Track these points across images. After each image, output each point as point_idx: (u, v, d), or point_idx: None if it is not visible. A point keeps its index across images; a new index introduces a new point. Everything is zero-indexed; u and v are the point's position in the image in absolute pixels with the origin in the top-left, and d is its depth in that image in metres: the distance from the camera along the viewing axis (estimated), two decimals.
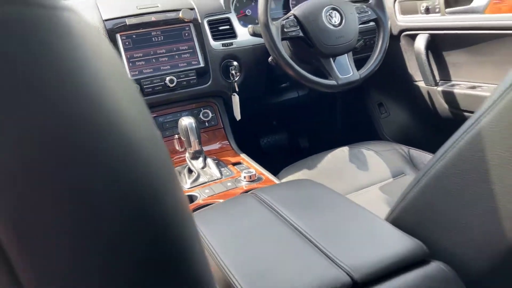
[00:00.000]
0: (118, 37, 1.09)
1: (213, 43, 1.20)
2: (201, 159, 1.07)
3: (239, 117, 1.24)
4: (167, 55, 1.14)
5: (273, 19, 1.07)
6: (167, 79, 1.12)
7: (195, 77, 1.17)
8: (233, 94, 1.23)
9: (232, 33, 1.24)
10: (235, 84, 1.22)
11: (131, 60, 1.10)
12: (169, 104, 1.19)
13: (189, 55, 1.17)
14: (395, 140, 1.51)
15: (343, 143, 1.23)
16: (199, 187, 0.98)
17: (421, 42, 1.31)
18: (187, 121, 1.04)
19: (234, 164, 1.12)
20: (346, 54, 1.16)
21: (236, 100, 1.23)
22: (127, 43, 1.10)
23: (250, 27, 1.14)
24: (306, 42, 1.11)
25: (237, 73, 1.22)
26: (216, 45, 1.20)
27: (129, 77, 0.23)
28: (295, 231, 0.56)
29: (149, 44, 1.12)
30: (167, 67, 1.14)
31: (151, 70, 1.13)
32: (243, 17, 1.33)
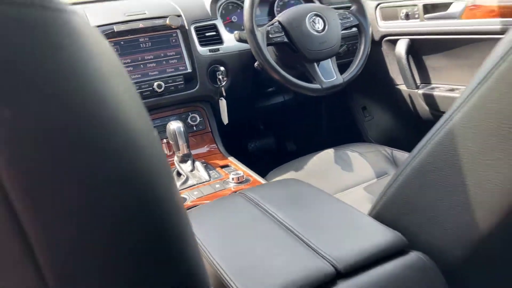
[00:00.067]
0: None
1: (200, 48, 1.23)
2: (189, 162, 1.09)
3: (227, 121, 1.26)
4: (155, 61, 1.16)
5: (259, 25, 1.10)
6: (155, 84, 1.14)
7: (182, 82, 1.19)
8: (220, 98, 1.26)
9: (218, 39, 1.27)
10: (222, 88, 1.25)
11: None
12: (158, 109, 1.21)
13: (177, 60, 1.19)
14: (379, 142, 1.56)
15: (329, 145, 1.26)
16: (188, 190, 1.00)
17: (402, 47, 1.36)
18: (175, 125, 1.06)
19: (222, 166, 1.14)
20: (329, 59, 1.19)
21: (223, 104, 1.25)
22: (116, 50, 1.12)
23: (236, 33, 1.17)
24: (290, 47, 1.14)
25: (224, 78, 1.24)
26: (203, 50, 1.23)
27: (128, 75, 0.25)
28: (281, 226, 0.59)
29: (137, 50, 1.14)
30: (155, 73, 1.16)
31: (139, 75, 1.14)
32: (229, 23, 1.36)
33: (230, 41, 1.27)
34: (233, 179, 1.00)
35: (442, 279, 0.52)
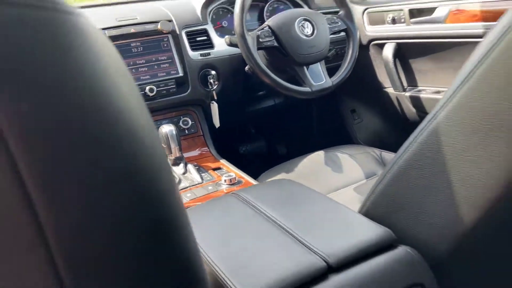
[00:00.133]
0: None
1: (191, 53, 1.24)
2: (182, 165, 1.10)
3: (218, 124, 1.28)
4: (147, 65, 1.18)
5: (249, 30, 1.12)
6: (147, 88, 1.16)
7: (174, 86, 1.20)
8: (211, 102, 1.27)
9: (209, 44, 1.28)
10: (214, 92, 1.26)
11: None
12: (150, 112, 1.21)
13: (168, 65, 1.20)
14: (368, 143, 1.58)
15: (319, 148, 1.28)
16: (181, 192, 1.01)
17: (389, 50, 1.39)
18: (167, 129, 1.07)
19: (214, 169, 1.16)
20: (318, 62, 1.22)
21: (215, 108, 1.27)
22: None
23: (227, 37, 1.18)
24: (280, 51, 1.16)
25: (215, 82, 1.26)
26: (194, 55, 1.24)
27: (131, 76, 0.27)
28: (274, 225, 0.60)
29: (129, 55, 1.15)
30: (147, 77, 1.17)
31: None
32: (220, 28, 1.38)
33: (221, 45, 1.29)
34: (225, 181, 1.01)
35: (429, 272, 0.54)
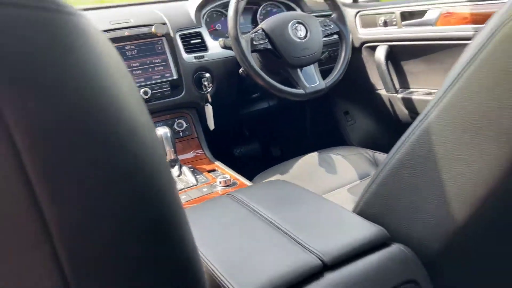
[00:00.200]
0: None
1: (185, 56, 1.25)
2: (176, 167, 1.11)
3: (213, 126, 1.29)
4: (141, 68, 1.18)
5: (243, 33, 1.13)
6: (142, 91, 1.16)
7: (168, 88, 1.21)
8: (206, 104, 1.28)
9: (203, 46, 1.29)
10: (208, 95, 1.27)
11: None
12: None
13: (163, 67, 1.21)
14: (361, 145, 1.60)
15: (313, 150, 1.29)
16: None
17: (381, 53, 1.41)
18: (162, 131, 1.08)
19: (209, 171, 1.16)
20: (312, 65, 1.23)
21: (209, 110, 1.27)
22: None
23: (221, 40, 1.19)
24: (274, 54, 1.17)
25: (210, 84, 1.27)
26: (188, 57, 1.25)
27: (131, 76, 0.27)
28: (270, 224, 0.61)
29: (123, 57, 1.16)
30: (141, 80, 1.18)
31: None
32: (214, 31, 1.39)
33: (215, 48, 1.29)
34: (220, 182, 1.02)
35: (422, 269, 0.55)
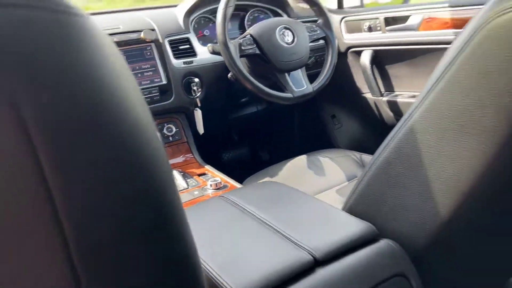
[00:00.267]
0: None
1: (174, 61, 1.26)
2: None
3: (202, 130, 1.30)
4: None
5: (231, 38, 1.15)
6: None
7: (158, 94, 1.22)
8: (195, 109, 1.29)
9: (192, 52, 1.30)
10: (197, 99, 1.28)
11: None
12: None
13: (152, 73, 1.22)
14: (348, 147, 1.63)
15: (301, 153, 1.31)
16: None
17: (366, 57, 1.44)
18: None
19: (199, 175, 1.17)
20: (299, 69, 1.25)
21: (198, 114, 1.29)
22: None
23: (209, 45, 1.21)
24: (262, 58, 1.19)
25: (199, 89, 1.28)
26: (177, 63, 1.26)
27: (133, 76, 0.29)
28: (261, 223, 0.62)
29: None
30: None
31: None
32: (202, 37, 1.41)
33: (203, 53, 1.31)
34: (211, 185, 1.03)
35: (410, 264, 0.57)
